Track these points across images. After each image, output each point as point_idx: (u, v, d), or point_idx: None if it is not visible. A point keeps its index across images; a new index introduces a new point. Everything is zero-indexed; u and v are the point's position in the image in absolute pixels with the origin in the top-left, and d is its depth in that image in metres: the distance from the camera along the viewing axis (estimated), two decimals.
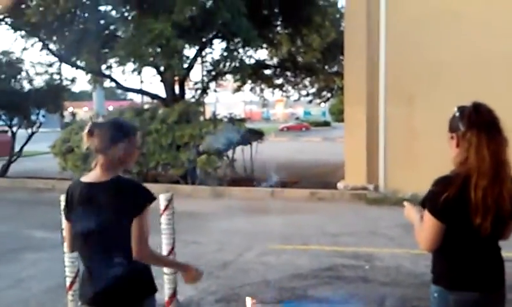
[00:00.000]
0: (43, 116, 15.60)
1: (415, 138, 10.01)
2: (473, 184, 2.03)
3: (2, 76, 14.33)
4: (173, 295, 4.52)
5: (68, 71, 63.15)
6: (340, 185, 10.94)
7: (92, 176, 2.30)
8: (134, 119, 12.20)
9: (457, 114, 2.16)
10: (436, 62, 9.74)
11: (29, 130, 14.90)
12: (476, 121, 2.08)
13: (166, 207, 4.42)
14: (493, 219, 2.04)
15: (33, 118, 14.91)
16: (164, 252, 4.41)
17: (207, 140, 11.34)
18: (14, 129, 14.99)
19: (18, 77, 14.71)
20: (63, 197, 4.20)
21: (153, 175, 12.50)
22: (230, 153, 12.43)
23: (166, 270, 4.43)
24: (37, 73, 14.89)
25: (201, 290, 5.08)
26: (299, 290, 5.06)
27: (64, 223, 2.46)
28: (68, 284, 4.38)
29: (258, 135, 13.55)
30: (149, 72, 14.92)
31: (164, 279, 4.43)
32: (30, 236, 7.63)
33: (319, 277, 5.46)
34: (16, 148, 15.06)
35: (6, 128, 15.44)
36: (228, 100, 46.30)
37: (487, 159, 2.03)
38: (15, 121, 14.99)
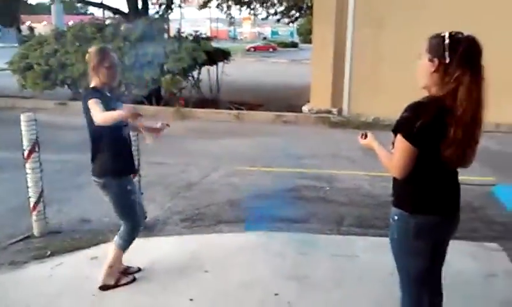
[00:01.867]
0: None
1: (381, 63, 10.08)
2: (455, 119, 2.04)
3: None
4: None
5: None
6: (305, 108, 11.03)
7: None
8: (95, 35, 11.73)
9: (447, 41, 2.07)
10: None
11: None
12: (472, 57, 2.05)
13: None
14: (461, 152, 2.11)
15: None
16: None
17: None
18: None
19: None
20: (23, 116, 4.15)
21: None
22: (195, 73, 12.23)
23: None
24: None
25: (166, 210, 5.19)
26: (263, 210, 5.23)
27: None
28: (31, 205, 4.38)
29: (224, 55, 13.30)
30: None
31: None
32: None
33: (281, 197, 5.64)
34: None
35: None
36: (193, 17, 44.77)
37: (475, 99, 2.05)
38: None
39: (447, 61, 2.06)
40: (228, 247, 4.21)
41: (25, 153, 4.26)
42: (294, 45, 55.53)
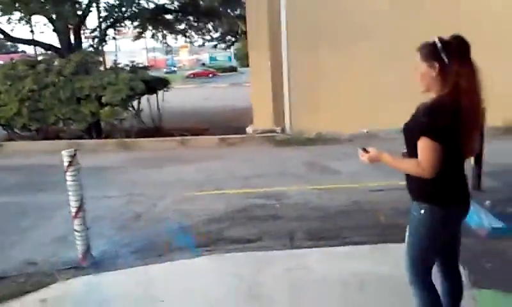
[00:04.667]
0: None
1: (318, 82, 10.38)
2: (465, 111, 2.20)
3: None
4: (87, 250, 4.45)
5: None
6: (249, 129, 11.14)
7: None
8: (27, 72, 11.35)
9: (439, 44, 2.26)
10: (335, 9, 10.03)
11: None
12: (464, 53, 2.24)
13: (70, 163, 4.25)
14: (473, 141, 2.36)
15: None
16: (73, 209, 4.30)
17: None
18: None
19: None
20: None
21: (54, 131, 11.83)
22: (135, 103, 12.07)
23: (76, 227, 4.33)
24: None
25: (114, 243, 5.03)
26: (215, 233, 5.19)
27: None
28: None
29: (163, 83, 13.24)
30: (40, 21, 13.75)
31: (75, 236, 4.35)
32: None
33: (233, 219, 5.63)
34: None
35: None
36: (129, 48, 44.37)
37: (474, 88, 2.24)
38: None
39: (446, 61, 2.24)
40: (182, 274, 4.15)
41: None
42: (232, 69, 56.11)
